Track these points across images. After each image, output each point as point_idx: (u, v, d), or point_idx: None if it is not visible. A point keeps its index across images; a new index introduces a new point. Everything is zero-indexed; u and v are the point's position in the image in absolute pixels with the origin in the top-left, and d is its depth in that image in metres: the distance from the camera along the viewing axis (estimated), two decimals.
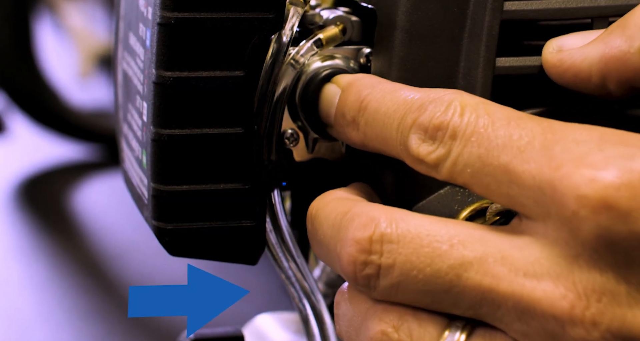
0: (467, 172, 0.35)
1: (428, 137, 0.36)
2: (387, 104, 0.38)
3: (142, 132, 0.43)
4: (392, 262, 0.35)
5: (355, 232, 0.36)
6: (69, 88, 1.14)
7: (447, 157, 0.36)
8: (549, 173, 0.33)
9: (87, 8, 1.35)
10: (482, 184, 0.35)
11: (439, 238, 0.35)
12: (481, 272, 0.34)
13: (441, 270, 0.34)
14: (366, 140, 0.39)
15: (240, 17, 0.40)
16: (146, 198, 0.43)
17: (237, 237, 0.42)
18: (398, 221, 0.36)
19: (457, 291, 0.34)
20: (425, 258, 0.35)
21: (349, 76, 0.41)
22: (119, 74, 0.48)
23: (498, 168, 0.34)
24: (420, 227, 0.35)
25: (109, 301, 0.74)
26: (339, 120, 0.40)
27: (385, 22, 0.41)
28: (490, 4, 0.41)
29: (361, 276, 0.36)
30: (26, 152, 1.05)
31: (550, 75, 0.41)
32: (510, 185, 0.34)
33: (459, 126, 0.35)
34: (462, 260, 0.34)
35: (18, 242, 0.86)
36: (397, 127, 0.37)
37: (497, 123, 0.35)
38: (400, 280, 0.35)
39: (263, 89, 0.41)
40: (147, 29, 0.41)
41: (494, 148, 0.35)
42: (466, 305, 0.35)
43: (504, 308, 0.34)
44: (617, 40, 0.39)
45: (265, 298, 0.71)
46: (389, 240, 0.35)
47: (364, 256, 0.36)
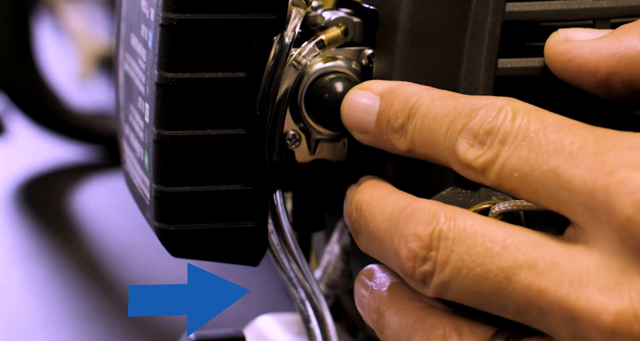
0: (515, 176, 0.35)
1: (477, 142, 0.36)
2: (436, 110, 0.38)
3: (144, 133, 0.43)
4: (445, 259, 0.35)
5: (417, 227, 0.36)
6: (69, 90, 1.14)
7: (495, 161, 0.35)
8: (603, 178, 0.33)
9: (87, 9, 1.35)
10: (530, 189, 0.34)
11: (493, 238, 0.35)
12: (530, 277, 0.34)
13: (490, 271, 0.34)
14: (414, 146, 0.38)
15: (243, 18, 0.40)
16: (148, 200, 0.43)
17: (239, 238, 0.42)
18: (457, 218, 0.35)
19: (505, 294, 0.34)
20: (477, 258, 0.34)
21: (383, 82, 0.41)
22: (120, 75, 0.48)
23: (547, 173, 0.34)
24: (476, 226, 0.35)
25: (110, 303, 0.74)
26: (382, 126, 0.40)
27: (387, 23, 0.41)
28: (492, 5, 0.41)
29: (419, 272, 0.36)
30: (26, 154, 1.05)
31: (551, 65, 0.40)
32: (559, 190, 0.34)
33: (510, 131, 0.35)
34: (512, 263, 0.34)
35: (18, 243, 0.86)
36: (445, 132, 0.37)
37: (549, 129, 0.34)
38: (451, 278, 0.35)
39: (265, 90, 0.41)
40: (149, 30, 0.41)
41: (544, 153, 0.34)
42: (514, 309, 0.34)
43: (551, 316, 0.33)
44: (633, 40, 0.38)
45: (267, 300, 0.71)
46: (445, 237, 0.35)
47: (424, 252, 0.35)
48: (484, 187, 0.40)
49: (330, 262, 0.48)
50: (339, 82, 0.42)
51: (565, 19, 0.41)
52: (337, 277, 0.48)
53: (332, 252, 0.48)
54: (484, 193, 0.41)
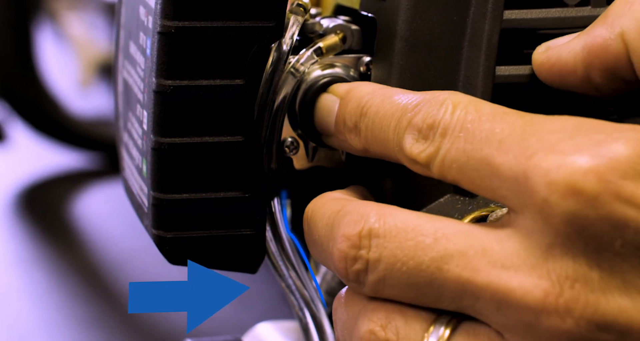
0: (454, 167, 0.35)
1: (421, 136, 0.36)
2: (385, 107, 0.38)
3: (143, 141, 0.43)
4: (378, 256, 0.36)
5: (346, 228, 0.36)
6: (69, 97, 1.14)
7: (437, 154, 0.36)
8: (524, 162, 0.33)
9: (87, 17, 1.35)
10: (468, 179, 0.35)
11: (424, 231, 0.35)
12: (461, 265, 0.34)
13: (423, 263, 0.35)
14: (367, 145, 0.39)
15: (241, 25, 0.40)
16: (146, 207, 0.43)
17: (237, 246, 0.42)
18: (386, 216, 0.36)
19: (438, 283, 0.35)
20: (409, 251, 0.35)
21: (346, 84, 0.41)
22: (119, 82, 0.48)
23: (481, 162, 0.35)
24: (407, 221, 0.36)
25: (109, 310, 0.74)
26: (339, 127, 0.40)
27: (385, 30, 0.42)
28: (490, 13, 0.41)
29: (352, 272, 0.36)
30: (26, 160, 1.05)
31: (539, 75, 0.41)
32: (492, 177, 0.34)
33: (449, 123, 0.36)
34: (443, 253, 0.35)
35: (18, 250, 0.86)
36: (394, 128, 0.38)
37: (483, 118, 0.35)
38: (386, 274, 0.35)
39: (263, 98, 0.41)
40: (147, 38, 0.41)
41: (477, 142, 0.35)
42: (448, 298, 0.35)
43: (483, 300, 0.34)
44: (598, 29, 0.39)
45: (265, 307, 0.71)
46: (376, 235, 0.36)
47: (353, 251, 0.36)
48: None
49: (328, 270, 0.48)
50: None
51: (562, 27, 0.42)
52: (336, 284, 0.48)
53: None
54: (482, 201, 0.41)
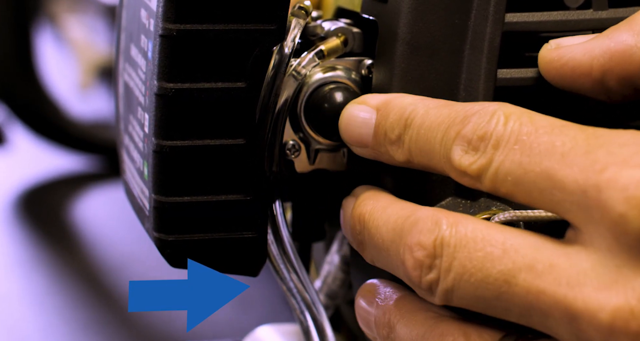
0: (509, 180, 0.35)
1: (471, 148, 0.36)
2: (431, 119, 0.38)
3: (144, 144, 0.43)
4: (448, 266, 0.35)
5: (421, 236, 0.36)
6: (69, 100, 1.14)
7: (489, 166, 0.35)
8: (594, 176, 0.33)
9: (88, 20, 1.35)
10: (524, 192, 0.35)
11: (493, 242, 0.35)
12: (529, 279, 0.34)
13: (491, 276, 0.34)
14: (411, 157, 0.39)
15: (242, 28, 0.40)
16: (147, 210, 0.43)
17: (238, 249, 0.42)
18: (458, 224, 0.35)
19: (506, 297, 0.34)
20: (477, 263, 0.35)
21: (377, 95, 0.41)
22: (120, 85, 0.48)
23: (540, 175, 0.34)
24: (477, 231, 0.35)
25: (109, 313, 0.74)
26: (379, 139, 0.40)
27: (387, 33, 0.42)
28: (492, 16, 0.41)
29: (425, 281, 0.36)
30: (26, 164, 1.05)
31: (545, 73, 0.40)
32: (553, 191, 0.34)
33: (502, 135, 0.35)
34: (511, 266, 0.34)
35: (18, 253, 0.86)
36: (440, 140, 0.37)
37: (541, 131, 0.35)
38: (454, 285, 0.35)
39: (265, 100, 0.41)
40: (148, 41, 0.41)
41: (536, 155, 0.34)
42: (517, 312, 0.34)
43: (552, 318, 0.33)
44: (623, 35, 0.38)
45: (266, 310, 0.71)
46: (447, 244, 0.35)
47: (429, 260, 0.36)
48: (484, 196, 0.40)
49: (330, 272, 0.48)
50: (339, 92, 0.42)
51: (564, 30, 0.41)
52: (337, 287, 0.48)
53: (332, 262, 0.48)
54: (483, 204, 0.41)
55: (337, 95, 0.42)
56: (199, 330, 0.68)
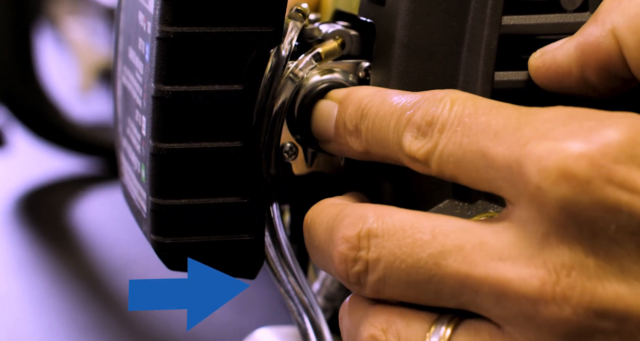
0: (451, 161, 0.35)
1: (420, 133, 0.37)
2: (385, 108, 0.38)
3: (141, 146, 0.43)
4: (377, 256, 0.36)
5: (345, 230, 0.36)
6: (69, 102, 1.14)
7: (435, 149, 0.36)
8: (517, 151, 0.33)
9: (88, 22, 1.35)
10: (465, 173, 0.35)
11: (421, 229, 0.35)
12: (459, 259, 0.34)
13: (421, 260, 0.35)
14: (368, 146, 0.39)
15: (239, 31, 0.40)
16: (145, 213, 0.43)
17: (236, 251, 0.42)
18: (384, 216, 0.36)
19: (437, 280, 0.35)
20: (407, 249, 0.35)
21: (343, 89, 0.41)
22: (118, 88, 0.48)
23: (476, 154, 0.35)
24: (404, 220, 0.36)
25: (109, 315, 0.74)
26: (339, 130, 0.40)
27: (384, 36, 0.42)
28: (489, 19, 0.41)
29: (352, 274, 0.36)
30: (26, 166, 1.05)
31: (537, 81, 0.41)
32: (487, 169, 0.34)
33: (447, 119, 0.36)
34: (441, 249, 0.35)
35: (18, 255, 0.86)
36: (393, 127, 0.38)
37: (479, 111, 0.35)
38: (385, 273, 0.35)
39: (262, 103, 0.41)
40: (146, 44, 0.42)
41: (474, 134, 0.35)
42: (448, 293, 0.35)
43: (482, 294, 0.34)
44: (590, 28, 0.39)
45: (265, 312, 0.71)
46: (374, 235, 0.36)
47: (353, 253, 0.36)
48: (481, 199, 0.41)
49: (328, 275, 0.48)
50: None
51: (561, 33, 0.42)
52: (335, 290, 0.48)
53: None
54: (481, 206, 0.41)
55: None
56: (198, 332, 0.68)
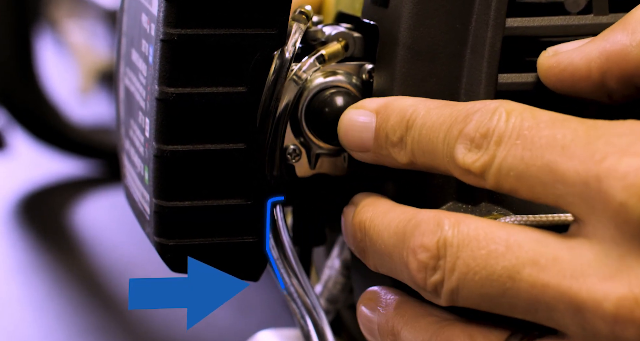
0: (512, 175, 0.35)
1: (474, 146, 0.36)
2: (432, 119, 0.38)
3: (144, 148, 0.43)
4: (452, 266, 0.35)
5: (423, 238, 0.36)
6: (69, 105, 1.14)
7: (492, 162, 0.35)
8: (594, 167, 0.33)
9: (88, 25, 1.35)
10: (527, 187, 0.35)
11: (496, 239, 0.35)
12: (533, 274, 0.34)
13: (495, 272, 0.34)
14: (414, 158, 0.38)
15: (243, 33, 0.40)
16: (148, 214, 0.43)
17: (239, 253, 0.42)
18: (460, 224, 0.35)
19: (511, 293, 0.34)
20: (481, 261, 0.35)
21: (378, 99, 0.41)
22: (120, 90, 0.48)
23: (542, 168, 0.34)
24: (479, 229, 0.35)
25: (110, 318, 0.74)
26: (381, 142, 0.40)
27: (388, 38, 0.42)
28: (493, 21, 0.41)
29: (430, 283, 0.36)
30: (26, 168, 1.05)
31: (546, 80, 0.40)
32: (555, 184, 0.34)
33: (504, 131, 0.35)
34: (515, 262, 0.34)
35: (18, 257, 0.86)
36: (443, 139, 0.37)
37: (542, 125, 0.35)
38: (459, 285, 0.35)
39: (265, 105, 0.41)
40: (149, 45, 0.41)
41: (537, 148, 0.34)
42: (523, 307, 0.34)
43: (558, 311, 0.33)
44: (618, 35, 0.38)
45: (267, 314, 0.71)
46: (450, 244, 0.35)
47: (433, 262, 0.36)
48: (485, 201, 0.40)
49: (330, 277, 0.48)
50: (340, 96, 0.42)
51: (565, 35, 0.42)
52: (338, 292, 0.48)
53: (333, 266, 0.48)
54: (485, 208, 0.41)
55: (338, 100, 0.42)
56: (200, 335, 0.68)
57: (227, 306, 0.69)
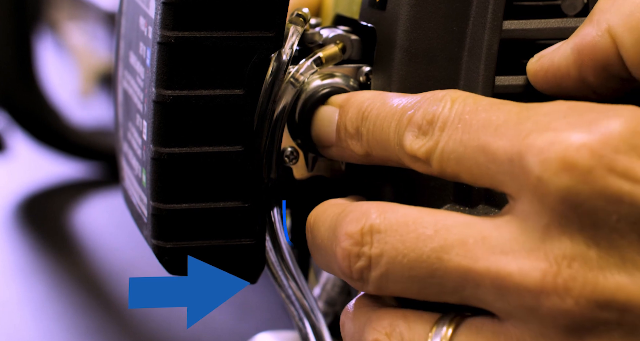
0: (452, 158, 0.36)
1: (421, 133, 0.37)
2: (386, 109, 0.39)
3: (142, 151, 0.43)
4: (379, 251, 0.36)
5: (348, 226, 0.36)
6: (69, 107, 1.14)
7: (436, 147, 0.36)
8: (518, 144, 0.34)
9: (88, 27, 1.35)
10: (466, 169, 0.35)
11: (424, 223, 0.35)
12: (461, 254, 0.34)
13: (424, 254, 0.35)
14: (369, 148, 0.39)
15: (240, 36, 0.40)
16: (146, 217, 0.43)
17: (236, 256, 0.42)
18: (387, 211, 0.36)
19: (440, 274, 0.35)
20: (410, 244, 0.35)
21: (343, 94, 0.41)
22: (119, 92, 0.48)
23: (477, 149, 0.35)
24: (407, 215, 0.36)
25: (109, 320, 0.74)
26: (340, 134, 0.40)
27: (385, 40, 0.42)
28: (490, 23, 0.41)
29: (355, 270, 0.36)
30: (26, 170, 1.05)
31: (536, 85, 0.41)
32: (488, 164, 0.35)
33: (448, 117, 0.36)
34: (443, 243, 0.35)
35: (18, 259, 0.86)
36: (394, 128, 0.38)
37: (480, 108, 0.36)
38: (388, 268, 0.36)
39: (263, 107, 0.41)
40: (147, 48, 0.42)
41: (474, 131, 0.35)
42: (451, 288, 0.35)
43: (484, 288, 0.34)
44: (586, 29, 0.39)
45: (265, 317, 0.71)
46: (377, 230, 0.36)
47: (356, 248, 0.36)
48: (482, 203, 0.41)
49: (328, 279, 0.48)
50: None
51: (561, 37, 0.42)
52: (336, 294, 0.48)
53: None
54: (482, 210, 0.41)
55: None
56: (200, 337, 0.68)
57: (226, 308, 0.69)
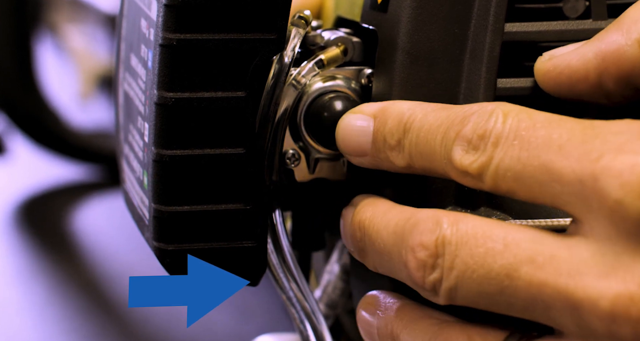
0: (509, 176, 0.35)
1: (471, 147, 0.36)
2: (430, 121, 0.38)
3: (144, 153, 0.43)
4: (450, 264, 0.35)
5: (422, 237, 0.36)
6: (69, 109, 1.14)
7: (490, 163, 0.35)
8: (589, 165, 0.33)
9: (88, 29, 1.35)
10: (525, 187, 0.35)
11: (494, 237, 0.35)
12: (530, 272, 0.34)
13: (493, 270, 0.34)
14: (412, 161, 0.39)
15: (242, 38, 0.40)
16: (147, 219, 0.43)
17: (238, 258, 0.42)
18: (458, 223, 0.36)
19: (509, 292, 0.34)
20: (479, 259, 0.35)
21: (375, 104, 0.41)
22: (120, 94, 0.48)
23: (539, 168, 0.34)
24: (477, 228, 0.35)
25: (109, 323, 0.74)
26: (379, 145, 0.40)
27: (387, 43, 0.42)
28: (491, 26, 0.41)
29: (429, 281, 0.36)
30: (26, 173, 1.05)
31: (543, 85, 0.40)
32: (552, 183, 0.34)
33: (502, 132, 0.35)
34: (512, 260, 0.34)
35: (18, 262, 0.86)
36: (440, 141, 0.37)
37: (538, 125, 0.35)
38: (457, 282, 0.35)
39: (265, 110, 0.41)
40: (148, 50, 0.42)
41: (534, 148, 0.34)
42: (520, 306, 0.34)
43: (555, 309, 0.34)
44: (613, 36, 0.38)
45: (266, 319, 0.71)
46: (448, 242, 0.35)
47: (432, 260, 0.36)
48: (484, 206, 0.40)
49: (330, 282, 0.48)
50: (338, 101, 0.42)
51: (563, 40, 0.42)
52: (337, 297, 0.48)
53: (332, 271, 0.48)
54: (483, 213, 0.41)
55: (337, 104, 0.42)
56: (200, 339, 0.68)
57: (227, 310, 0.69)
